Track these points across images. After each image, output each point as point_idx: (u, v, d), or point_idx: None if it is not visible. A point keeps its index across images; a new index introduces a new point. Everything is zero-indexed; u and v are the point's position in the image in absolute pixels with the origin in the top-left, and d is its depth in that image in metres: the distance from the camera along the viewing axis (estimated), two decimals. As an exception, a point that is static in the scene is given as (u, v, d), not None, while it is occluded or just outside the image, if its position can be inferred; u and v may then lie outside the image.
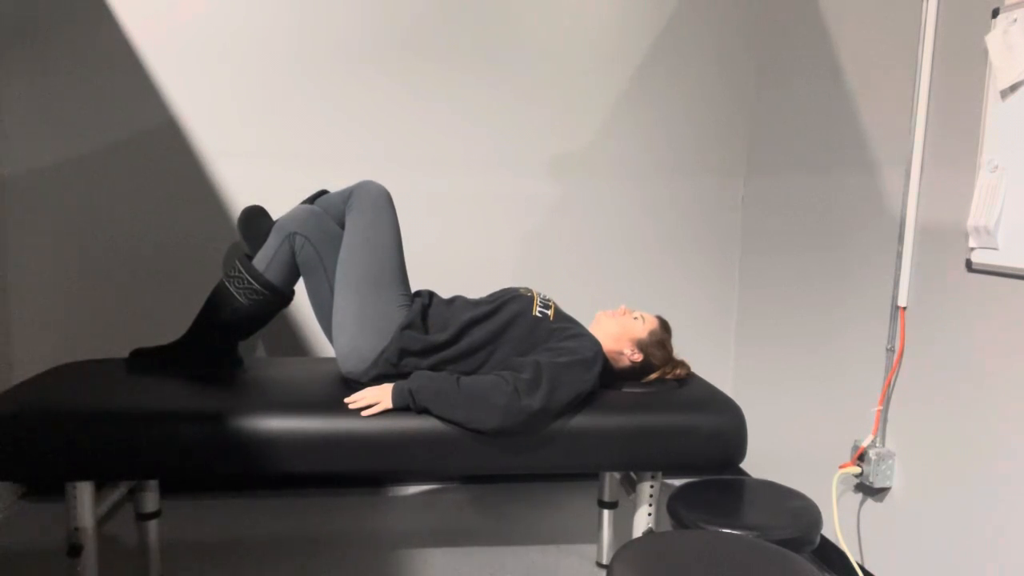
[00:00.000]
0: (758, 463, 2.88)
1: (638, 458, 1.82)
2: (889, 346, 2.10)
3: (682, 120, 2.96)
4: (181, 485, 2.86)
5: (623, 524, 2.53)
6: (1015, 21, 1.67)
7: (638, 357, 1.99)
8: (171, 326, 2.74)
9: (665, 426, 1.82)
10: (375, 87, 2.76)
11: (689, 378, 2.06)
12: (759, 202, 2.91)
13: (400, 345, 1.86)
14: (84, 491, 1.76)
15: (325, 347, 2.84)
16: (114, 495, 1.94)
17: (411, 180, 2.82)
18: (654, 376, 2.02)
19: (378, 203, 1.99)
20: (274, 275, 1.97)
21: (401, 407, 1.75)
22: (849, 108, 2.33)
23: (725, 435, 1.84)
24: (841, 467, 2.17)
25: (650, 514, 1.95)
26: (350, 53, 2.73)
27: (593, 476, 3.02)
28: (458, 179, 2.85)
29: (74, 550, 1.76)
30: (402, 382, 1.78)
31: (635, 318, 2.01)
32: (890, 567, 2.09)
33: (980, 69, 1.80)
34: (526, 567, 2.34)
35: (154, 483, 2.13)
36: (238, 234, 2.23)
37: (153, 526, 2.14)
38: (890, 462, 2.08)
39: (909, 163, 2.02)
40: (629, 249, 3.00)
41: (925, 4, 1.97)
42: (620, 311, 2.03)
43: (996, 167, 1.72)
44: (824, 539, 2.38)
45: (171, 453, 1.68)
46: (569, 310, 2.87)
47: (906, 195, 2.03)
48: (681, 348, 2.13)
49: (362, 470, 1.74)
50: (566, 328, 1.91)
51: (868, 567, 2.17)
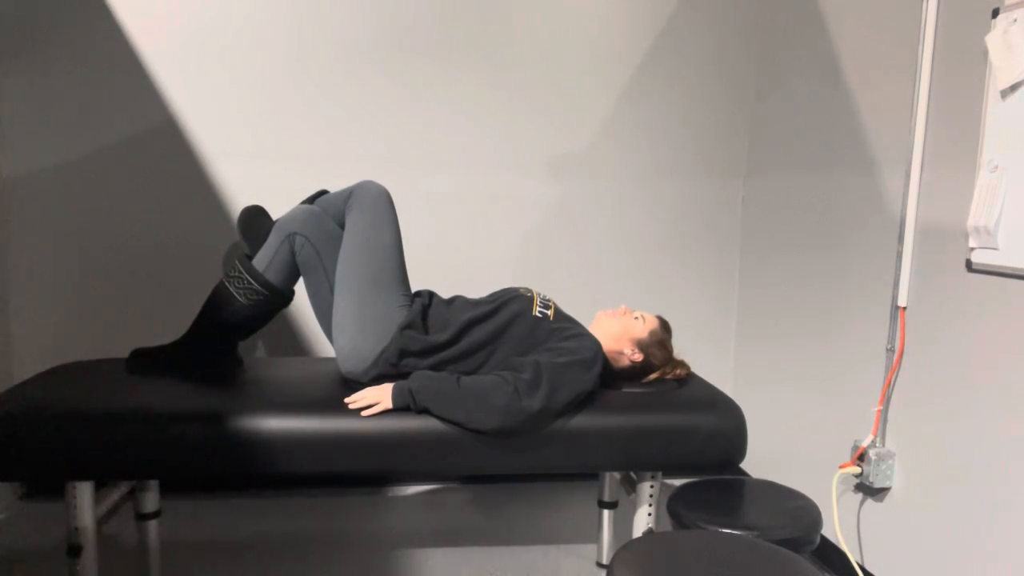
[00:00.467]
0: (758, 463, 2.88)
1: (638, 458, 1.82)
2: (889, 346, 2.10)
3: (682, 120, 2.96)
4: (181, 485, 2.86)
5: (623, 524, 2.53)
6: (1015, 21, 1.67)
7: (638, 357, 1.99)
8: (171, 326, 2.74)
9: (665, 426, 1.82)
10: (375, 87, 2.76)
11: (689, 378, 2.06)
12: (759, 202, 2.91)
13: (400, 345, 1.86)
14: (84, 491, 1.76)
15: (325, 347, 2.84)
16: (114, 495, 1.94)
17: (411, 180, 2.82)
18: (654, 376, 2.02)
19: (378, 203, 1.99)
20: (274, 275, 1.97)
21: (401, 407, 1.75)
22: (849, 108, 2.33)
23: (725, 435, 1.84)
24: (841, 467, 2.17)
25: (650, 514, 1.95)
26: (350, 53, 2.73)
27: (593, 476, 3.02)
28: (458, 179, 2.85)
29: (74, 550, 1.76)
30: (402, 382, 1.78)
31: (635, 318, 2.01)
32: (890, 567, 2.09)
33: (980, 69, 1.80)
34: (526, 567, 2.34)
35: (154, 483, 2.13)
36: (238, 234, 2.23)
37: (153, 526, 2.14)
38: (890, 462, 2.08)
39: (909, 163, 2.02)
40: (629, 249, 3.00)
41: (925, 4, 1.97)
42: (620, 311, 2.03)
43: (996, 167, 1.72)
44: (824, 539, 2.38)
45: (171, 453, 1.68)
46: (569, 310, 2.87)
47: (906, 195, 2.03)
48: (681, 348, 2.14)
49: (362, 470, 1.74)
50: (566, 328, 1.91)
51: (868, 567, 2.17)
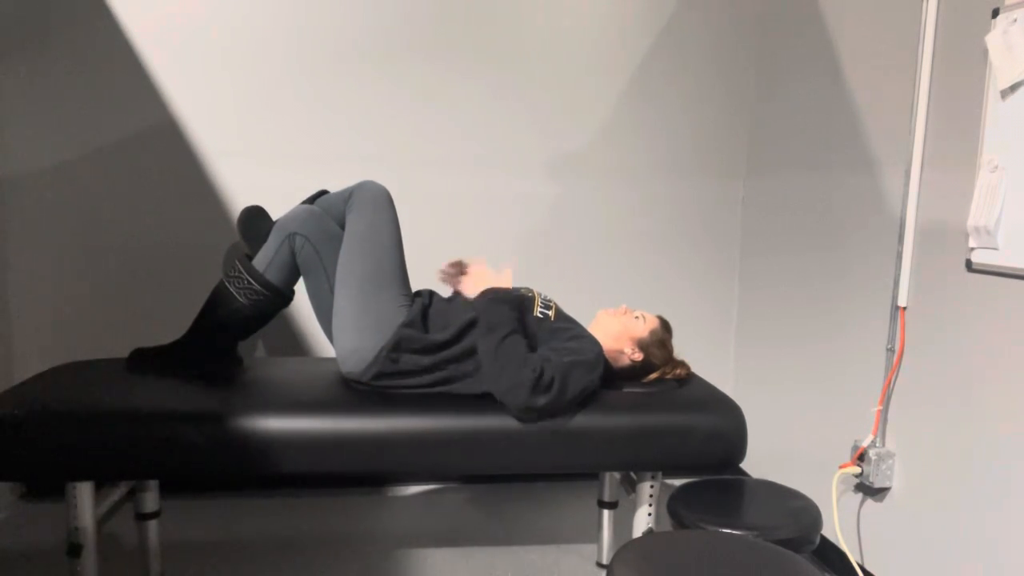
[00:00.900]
0: (758, 463, 2.88)
1: (638, 458, 1.82)
2: (889, 346, 2.10)
3: (681, 120, 2.96)
4: (181, 485, 2.86)
5: (623, 524, 2.52)
6: (1015, 21, 1.67)
7: (638, 356, 1.99)
8: (171, 326, 2.74)
9: (665, 426, 1.82)
10: (375, 87, 2.76)
11: (689, 378, 2.06)
12: (759, 202, 2.91)
13: (400, 343, 1.86)
14: (84, 491, 1.76)
15: (325, 347, 2.84)
16: (114, 495, 1.94)
17: (411, 180, 2.82)
18: (654, 376, 2.02)
19: (378, 203, 1.99)
20: (274, 275, 1.97)
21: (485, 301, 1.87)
22: (849, 108, 2.33)
23: (725, 435, 1.84)
24: (841, 467, 2.17)
25: (650, 514, 1.95)
26: (350, 53, 2.73)
27: (593, 476, 3.02)
28: (458, 179, 2.85)
29: (74, 550, 1.76)
30: (501, 296, 1.87)
31: (636, 317, 2.01)
32: (890, 567, 2.09)
33: (980, 69, 1.80)
34: (526, 567, 2.34)
35: (154, 483, 2.13)
36: (238, 234, 2.23)
37: (153, 526, 2.14)
38: (890, 462, 2.07)
39: (909, 163, 2.02)
40: (629, 249, 3.00)
41: (925, 4, 1.97)
42: (621, 310, 2.03)
43: (996, 167, 1.72)
44: (824, 539, 2.38)
45: (171, 453, 1.68)
46: (569, 310, 2.86)
47: (906, 195, 2.03)
48: (681, 348, 2.13)
49: (362, 470, 1.74)
50: (568, 329, 1.91)
51: (868, 567, 2.17)
